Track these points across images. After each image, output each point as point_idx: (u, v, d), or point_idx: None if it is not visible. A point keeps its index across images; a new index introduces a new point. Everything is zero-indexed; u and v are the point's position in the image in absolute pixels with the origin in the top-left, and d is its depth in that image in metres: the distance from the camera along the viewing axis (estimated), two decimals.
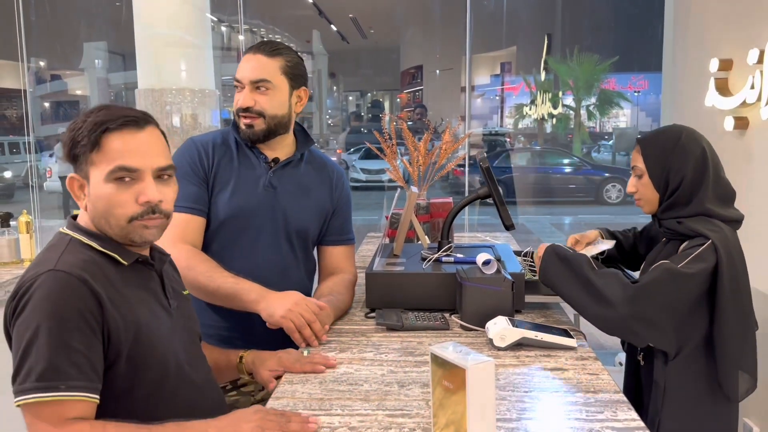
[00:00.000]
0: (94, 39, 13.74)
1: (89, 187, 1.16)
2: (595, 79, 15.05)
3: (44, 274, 1.08)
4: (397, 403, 1.22)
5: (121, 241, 1.20)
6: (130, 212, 1.16)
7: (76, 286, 1.08)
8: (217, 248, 1.71)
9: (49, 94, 16.22)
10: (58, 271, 1.08)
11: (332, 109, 23.40)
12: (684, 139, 1.63)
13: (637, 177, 1.70)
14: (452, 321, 1.66)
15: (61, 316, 1.05)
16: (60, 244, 1.17)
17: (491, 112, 19.05)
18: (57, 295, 1.06)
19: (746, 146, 2.53)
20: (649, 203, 1.70)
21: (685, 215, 1.61)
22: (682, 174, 1.61)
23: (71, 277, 1.08)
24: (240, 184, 1.71)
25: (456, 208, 1.98)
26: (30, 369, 1.03)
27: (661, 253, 1.67)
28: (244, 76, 1.68)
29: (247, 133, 1.70)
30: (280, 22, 16.29)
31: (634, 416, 1.16)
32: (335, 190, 1.84)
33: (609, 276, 1.55)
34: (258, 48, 1.70)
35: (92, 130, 1.14)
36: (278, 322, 1.50)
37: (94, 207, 1.17)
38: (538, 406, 1.21)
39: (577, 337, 1.52)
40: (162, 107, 4.17)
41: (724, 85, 2.61)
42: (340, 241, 1.87)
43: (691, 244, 1.56)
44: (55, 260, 1.11)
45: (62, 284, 1.07)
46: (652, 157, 1.66)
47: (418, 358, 1.43)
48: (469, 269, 1.68)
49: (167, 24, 4.20)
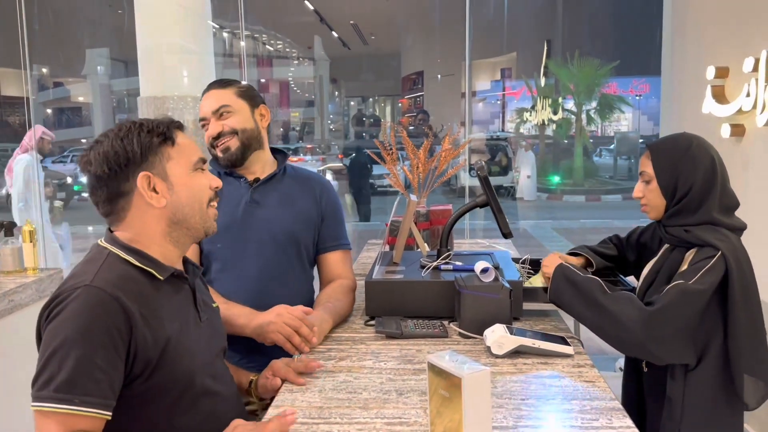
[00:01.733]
0: (97, 46, 13.82)
1: (169, 181, 1.24)
2: (596, 84, 15.08)
3: (81, 288, 1.11)
4: (395, 411, 1.24)
5: (194, 233, 1.29)
6: (206, 198, 1.29)
7: (109, 304, 1.11)
8: (215, 270, 1.76)
9: (52, 101, 16.29)
10: (94, 287, 1.12)
11: (334, 114, 23.46)
12: (695, 147, 1.64)
13: (644, 182, 1.70)
14: (451, 329, 1.67)
15: (90, 331, 1.08)
16: (98, 258, 1.20)
17: (492, 117, 19.10)
18: (89, 311, 1.10)
19: (743, 153, 2.55)
20: (655, 209, 1.70)
21: (692, 223, 1.62)
22: (690, 182, 1.62)
23: (105, 294, 1.11)
24: (222, 205, 1.69)
25: (454, 217, 2.00)
26: (50, 377, 1.06)
27: (668, 260, 1.67)
28: (207, 111, 1.79)
29: (226, 157, 1.78)
30: (281, 28, 16.38)
31: (629, 423, 1.18)
32: (321, 199, 1.88)
33: (623, 301, 1.55)
34: (210, 86, 1.83)
35: (164, 129, 1.25)
36: (267, 338, 1.55)
37: (178, 198, 1.25)
38: (534, 414, 1.22)
39: (574, 345, 1.54)
40: (164, 114, 4.19)
41: (721, 92, 2.64)
42: (334, 247, 1.89)
43: (701, 256, 1.56)
44: (92, 275, 1.14)
45: (95, 300, 1.11)
46: (662, 163, 1.66)
47: (417, 366, 1.45)
48: (467, 277, 1.70)
49: (169, 31, 4.23)
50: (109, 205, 1.23)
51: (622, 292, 1.60)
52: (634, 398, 1.80)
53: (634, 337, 1.50)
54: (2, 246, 2.71)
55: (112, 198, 1.22)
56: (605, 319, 1.56)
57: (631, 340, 1.52)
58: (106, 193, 1.22)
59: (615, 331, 1.54)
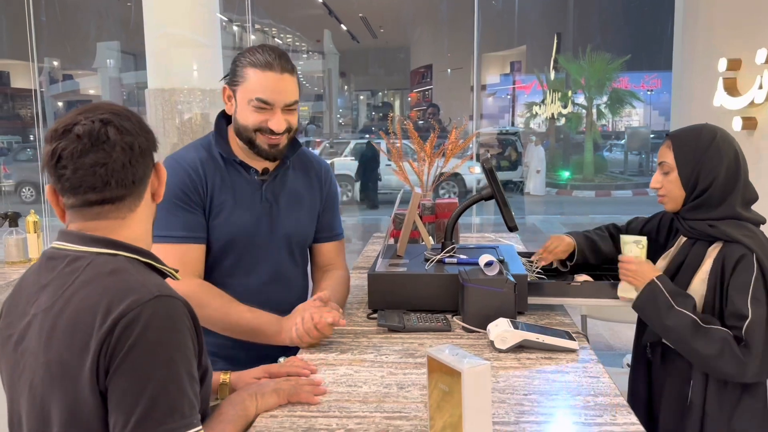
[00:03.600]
0: (104, 39, 13.86)
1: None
2: (607, 78, 14.96)
3: (151, 302, 0.94)
4: (395, 405, 1.22)
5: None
6: None
7: (186, 311, 0.99)
8: (221, 271, 1.66)
9: (62, 93, 16.37)
10: (166, 297, 0.97)
11: (343, 108, 23.44)
12: (719, 139, 1.60)
13: (663, 173, 1.66)
14: (454, 322, 1.65)
15: (186, 345, 0.97)
16: (124, 267, 1.01)
17: (502, 112, 19.01)
18: (179, 323, 0.96)
19: (755, 146, 2.50)
20: (674, 201, 1.66)
21: (715, 217, 1.59)
22: (713, 175, 1.58)
23: (178, 302, 0.98)
24: (238, 203, 1.64)
25: (459, 210, 1.97)
26: (172, 407, 0.92)
27: (690, 255, 1.64)
28: (277, 100, 1.57)
29: (272, 153, 1.62)
30: (290, 21, 16.34)
31: (634, 420, 1.15)
32: (324, 186, 1.82)
33: (719, 344, 1.48)
34: (282, 66, 1.57)
35: None
36: (303, 342, 1.51)
37: None
38: (536, 410, 1.20)
39: (579, 340, 1.51)
40: (173, 107, 4.19)
41: (733, 85, 2.59)
42: (330, 238, 1.85)
43: (732, 256, 1.52)
44: (147, 285, 0.97)
45: (177, 311, 0.97)
46: (685, 155, 1.62)
47: (419, 360, 1.43)
48: (471, 270, 1.67)
49: (177, 24, 4.22)
50: (120, 202, 1.03)
51: (718, 331, 1.50)
52: (642, 394, 1.77)
53: (746, 377, 1.48)
54: (7, 236, 2.72)
55: (138, 182, 1.04)
56: (699, 361, 1.52)
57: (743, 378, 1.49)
58: (141, 172, 1.03)
59: (712, 370, 1.52)
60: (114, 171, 0.99)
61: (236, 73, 1.59)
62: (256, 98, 1.56)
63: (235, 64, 1.61)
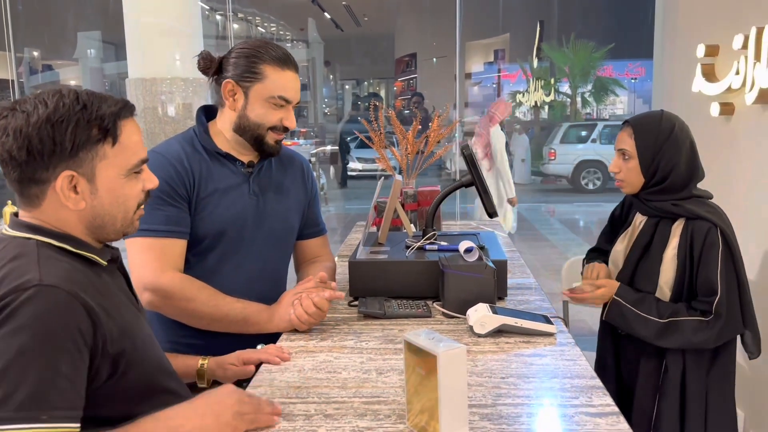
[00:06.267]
0: (84, 28, 13.65)
1: (94, 184, 1.06)
2: (591, 66, 15.00)
3: (32, 289, 0.95)
4: (374, 390, 1.23)
5: (113, 235, 1.11)
6: (134, 204, 1.14)
7: (69, 303, 0.97)
8: (208, 266, 1.63)
9: (41, 84, 16.14)
10: (47, 286, 0.96)
11: (328, 98, 23.32)
12: (677, 130, 1.72)
13: (623, 159, 1.77)
14: (435, 309, 1.66)
15: (52, 336, 0.94)
16: (28, 251, 1.02)
17: (487, 100, 19.00)
18: (48, 313, 0.95)
19: (732, 132, 2.53)
20: (631, 185, 1.78)
21: (679, 198, 1.72)
22: (673, 164, 1.70)
23: (62, 292, 0.97)
24: (225, 195, 1.62)
25: (440, 197, 1.98)
26: (7, 394, 0.90)
27: (656, 233, 1.76)
28: (295, 98, 1.61)
29: (276, 148, 1.65)
30: (274, 10, 16.20)
31: (609, 402, 1.17)
32: (308, 180, 1.83)
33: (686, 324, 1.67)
34: (295, 64, 1.61)
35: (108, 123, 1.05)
36: (297, 325, 1.52)
37: (100, 203, 1.08)
38: (513, 392, 1.21)
39: (557, 324, 1.53)
40: (154, 96, 4.14)
41: (711, 70, 2.61)
42: (316, 233, 1.87)
43: (699, 231, 1.67)
44: (36, 271, 0.98)
45: (54, 300, 0.96)
46: (646, 144, 1.72)
47: (398, 346, 1.44)
48: (451, 257, 1.68)
49: (157, 12, 4.16)
50: (19, 186, 1.05)
51: (687, 324, 1.68)
52: (610, 365, 1.89)
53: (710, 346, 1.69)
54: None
55: (23, 181, 1.04)
56: (677, 341, 1.69)
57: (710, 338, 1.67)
58: (17, 175, 1.03)
59: (687, 348, 1.70)
60: (2, 168, 1.03)
61: (250, 69, 1.56)
62: (278, 96, 1.58)
63: (247, 59, 1.56)
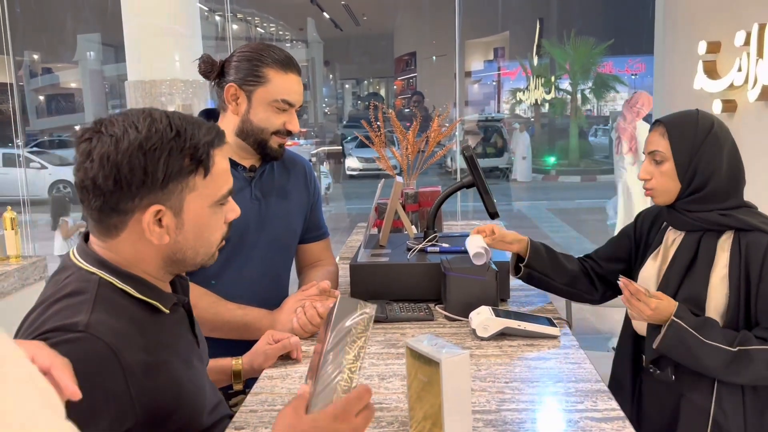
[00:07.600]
0: (82, 31, 13.66)
1: (181, 218, 1.01)
2: (592, 63, 14.97)
3: (75, 333, 0.90)
4: (376, 396, 1.21)
5: (191, 267, 1.06)
6: (219, 237, 1.10)
7: (106, 358, 0.91)
8: (210, 270, 1.55)
9: (41, 87, 16.15)
10: (92, 335, 0.90)
11: (328, 97, 23.31)
12: (716, 128, 1.49)
13: (655, 163, 1.52)
14: (437, 311, 1.65)
15: (92, 386, 0.85)
16: (88, 288, 0.97)
17: (488, 98, 19.00)
18: (83, 363, 0.85)
19: (735, 129, 2.50)
20: (667, 193, 1.52)
21: (727, 207, 1.47)
22: (713, 167, 1.46)
23: (103, 346, 0.91)
24: None
25: (441, 198, 1.96)
26: None
27: (701, 249, 1.49)
28: (298, 101, 1.60)
29: (279, 152, 1.63)
30: (273, 10, 16.19)
31: (614, 406, 1.15)
32: (310, 183, 1.81)
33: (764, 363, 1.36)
34: (297, 67, 1.60)
35: (203, 154, 1.00)
36: (298, 334, 1.49)
37: (185, 238, 1.03)
38: (517, 397, 1.20)
39: (561, 326, 1.51)
40: (154, 99, 4.12)
41: (713, 67, 2.59)
42: (318, 237, 1.85)
43: (757, 243, 1.41)
44: (86, 314, 0.92)
45: (93, 351, 0.90)
46: (682, 144, 1.48)
47: (401, 351, 1.42)
48: (453, 259, 1.67)
49: (156, 13, 4.15)
50: (99, 214, 0.98)
51: (743, 336, 1.38)
52: (627, 388, 1.65)
53: None
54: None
55: (104, 210, 0.98)
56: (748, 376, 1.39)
57: None
58: (98, 204, 0.97)
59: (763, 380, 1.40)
60: (81, 194, 0.99)
61: (253, 73, 1.54)
62: (281, 99, 1.55)
63: (250, 63, 1.55)
